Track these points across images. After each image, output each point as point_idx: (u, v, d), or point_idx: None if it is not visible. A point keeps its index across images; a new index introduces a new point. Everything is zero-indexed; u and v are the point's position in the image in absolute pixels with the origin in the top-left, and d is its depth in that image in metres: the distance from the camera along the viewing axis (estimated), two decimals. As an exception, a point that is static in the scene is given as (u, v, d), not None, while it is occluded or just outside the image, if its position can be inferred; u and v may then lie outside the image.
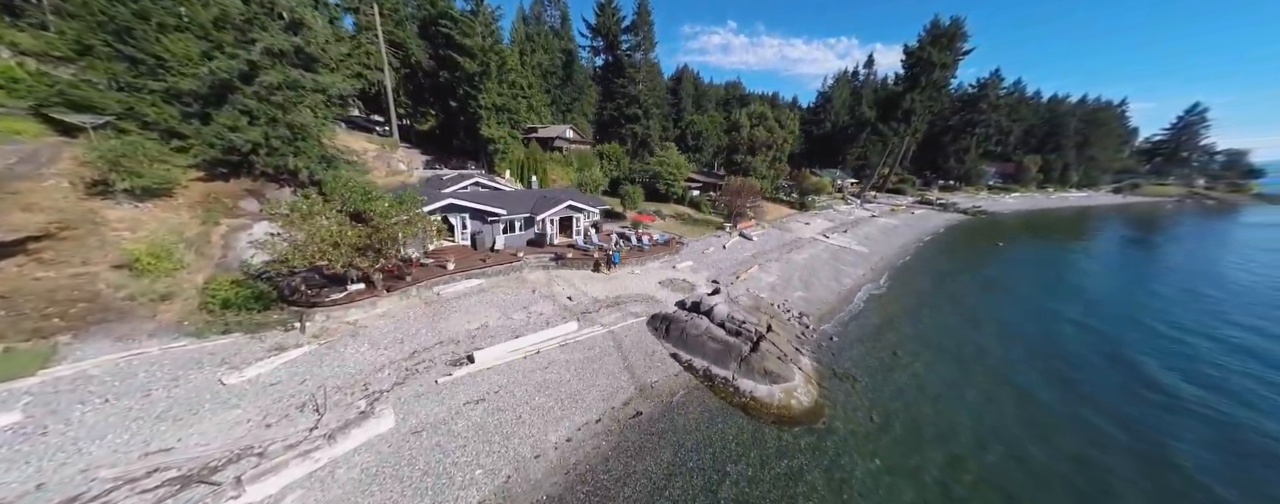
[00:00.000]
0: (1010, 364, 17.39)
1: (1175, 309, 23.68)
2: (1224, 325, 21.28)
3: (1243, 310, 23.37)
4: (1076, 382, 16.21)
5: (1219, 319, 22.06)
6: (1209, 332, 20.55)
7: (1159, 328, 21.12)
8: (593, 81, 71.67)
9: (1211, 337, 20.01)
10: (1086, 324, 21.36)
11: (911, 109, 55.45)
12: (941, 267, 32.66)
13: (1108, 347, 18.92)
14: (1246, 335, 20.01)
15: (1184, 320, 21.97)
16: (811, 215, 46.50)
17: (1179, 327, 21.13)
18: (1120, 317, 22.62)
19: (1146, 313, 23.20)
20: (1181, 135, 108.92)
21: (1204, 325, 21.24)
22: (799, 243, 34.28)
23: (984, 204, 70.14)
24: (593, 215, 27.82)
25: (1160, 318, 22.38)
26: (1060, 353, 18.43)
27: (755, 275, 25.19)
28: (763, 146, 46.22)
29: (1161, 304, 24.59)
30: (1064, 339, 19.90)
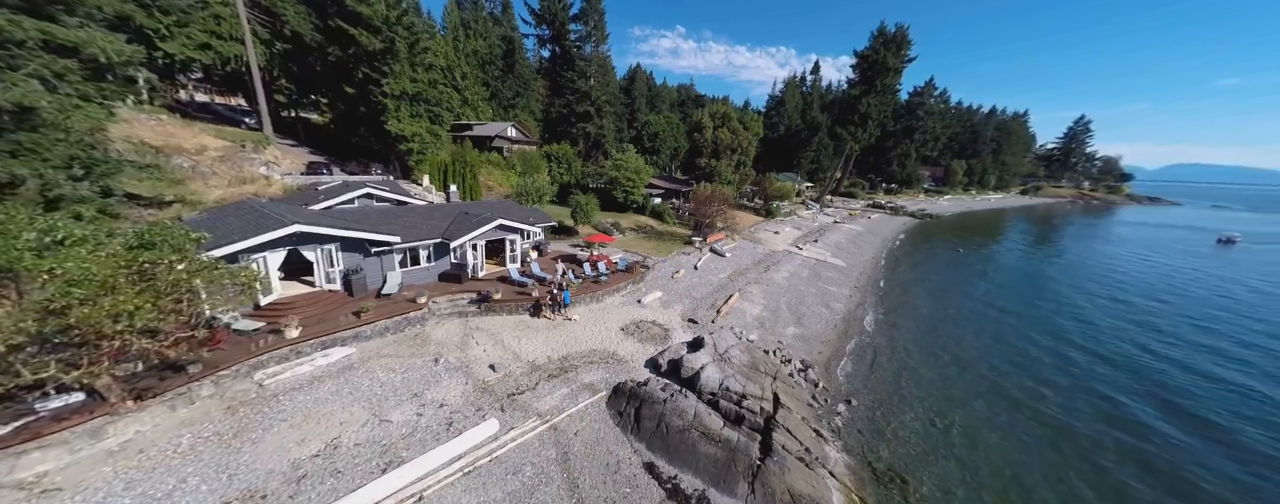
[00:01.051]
0: (1071, 412, 13.66)
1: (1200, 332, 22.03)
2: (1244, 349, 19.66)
3: (1235, 335, 22.19)
4: (1129, 409, 12.91)
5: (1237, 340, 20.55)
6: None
7: (1215, 369, 18.88)
8: (539, 75, 64.04)
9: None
10: (1083, 332, 18.78)
11: (867, 113, 54.13)
12: (922, 280, 29.91)
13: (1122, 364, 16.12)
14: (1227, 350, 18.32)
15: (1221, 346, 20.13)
16: (778, 223, 42.94)
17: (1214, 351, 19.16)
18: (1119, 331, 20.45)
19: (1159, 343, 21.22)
20: (1071, 143, 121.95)
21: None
22: (774, 258, 29.97)
23: (926, 207, 71.89)
24: (534, 235, 21.32)
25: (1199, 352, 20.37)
26: (1086, 384, 15.21)
27: (738, 307, 20.10)
28: (727, 150, 41.86)
29: (1185, 330, 22.86)
30: (1079, 363, 16.87)
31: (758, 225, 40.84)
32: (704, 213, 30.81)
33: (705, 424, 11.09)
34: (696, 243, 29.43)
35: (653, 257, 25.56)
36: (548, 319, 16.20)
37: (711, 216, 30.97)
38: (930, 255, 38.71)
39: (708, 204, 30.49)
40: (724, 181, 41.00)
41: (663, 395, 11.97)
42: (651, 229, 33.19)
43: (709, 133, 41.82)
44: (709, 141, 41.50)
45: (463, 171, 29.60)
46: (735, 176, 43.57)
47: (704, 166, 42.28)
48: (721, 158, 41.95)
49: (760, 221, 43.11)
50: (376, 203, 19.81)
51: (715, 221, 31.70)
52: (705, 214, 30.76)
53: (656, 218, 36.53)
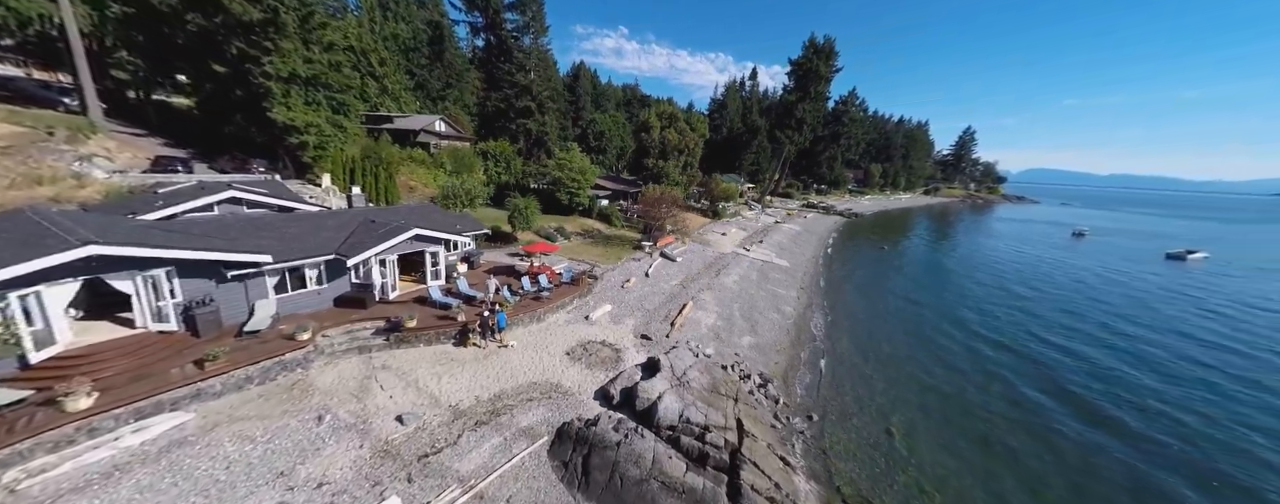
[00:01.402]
0: (987, 406, 14.09)
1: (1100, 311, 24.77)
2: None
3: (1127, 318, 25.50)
4: (1056, 388, 13.75)
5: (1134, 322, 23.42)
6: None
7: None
8: (473, 66, 58.73)
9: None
10: (1007, 323, 20.39)
11: (803, 118, 56.70)
12: (853, 277, 31.18)
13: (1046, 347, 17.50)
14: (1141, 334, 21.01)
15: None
16: (725, 224, 43.05)
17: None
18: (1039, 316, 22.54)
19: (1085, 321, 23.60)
20: (961, 150, 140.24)
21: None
22: (724, 261, 29.46)
23: (851, 206, 77.67)
24: (463, 246, 18.30)
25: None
26: (1012, 366, 16.13)
27: (693, 317, 18.85)
28: (674, 151, 41.01)
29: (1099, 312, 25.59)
30: (986, 354, 18.02)
31: (706, 226, 40.52)
32: (653, 215, 29.45)
33: (666, 471, 9.43)
34: (647, 247, 27.94)
35: (601, 264, 23.56)
36: (478, 347, 13.57)
37: (661, 219, 29.70)
38: (858, 252, 41.05)
39: (657, 206, 29.16)
40: (672, 183, 40.12)
41: (616, 437, 10.11)
42: (599, 233, 31.13)
43: (656, 133, 40.67)
44: (656, 142, 40.34)
45: (375, 170, 25.22)
46: (683, 178, 42.93)
47: (652, 167, 41.06)
48: (669, 159, 41.02)
49: (708, 223, 42.92)
50: (247, 210, 15.58)
51: (665, 224, 30.50)
52: (655, 217, 29.42)
53: (604, 221, 34.52)
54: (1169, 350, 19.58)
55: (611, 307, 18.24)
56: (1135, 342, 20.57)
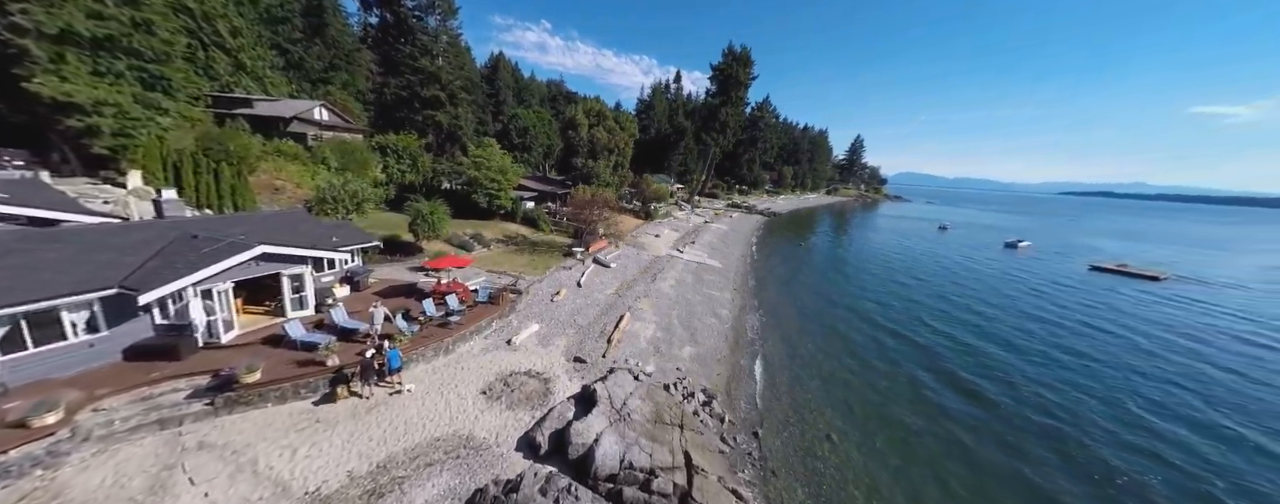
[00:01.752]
0: (896, 398, 14.90)
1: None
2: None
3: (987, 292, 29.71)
4: (953, 365, 15.05)
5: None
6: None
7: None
8: (366, 46, 50.39)
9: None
10: (897, 310, 22.52)
11: (727, 122, 58.79)
12: (781, 275, 32.47)
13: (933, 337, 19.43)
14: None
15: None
16: (658, 225, 42.51)
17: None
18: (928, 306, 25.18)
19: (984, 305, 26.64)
20: (853, 155, 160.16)
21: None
22: (659, 265, 28.56)
23: (770, 205, 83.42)
24: (343, 264, 14.47)
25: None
26: (919, 358, 17.50)
27: (631, 329, 17.34)
28: (604, 150, 39.21)
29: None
30: (889, 345, 19.62)
31: (639, 228, 39.49)
32: (584, 218, 27.38)
33: (609, 539, 7.70)
34: (578, 254, 25.79)
35: (527, 275, 20.90)
36: (358, 398, 10.41)
37: (593, 222, 27.76)
38: (779, 250, 43.43)
39: (588, 209, 27.13)
40: (603, 183, 38.30)
41: (544, 503, 8.09)
42: (524, 239, 28.12)
43: (585, 130, 38.46)
44: (585, 140, 38.15)
45: (216, 166, 19.29)
46: (614, 178, 41.35)
47: (581, 167, 38.78)
48: (599, 158, 39.11)
49: (641, 224, 41.96)
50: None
51: (597, 228, 28.62)
52: (586, 220, 27.37)
53: (530, 225, 31.47)
54: (1013, 326, 23.11)
55: (539, 326, 15.91)
56: (991, 321, 23.89)
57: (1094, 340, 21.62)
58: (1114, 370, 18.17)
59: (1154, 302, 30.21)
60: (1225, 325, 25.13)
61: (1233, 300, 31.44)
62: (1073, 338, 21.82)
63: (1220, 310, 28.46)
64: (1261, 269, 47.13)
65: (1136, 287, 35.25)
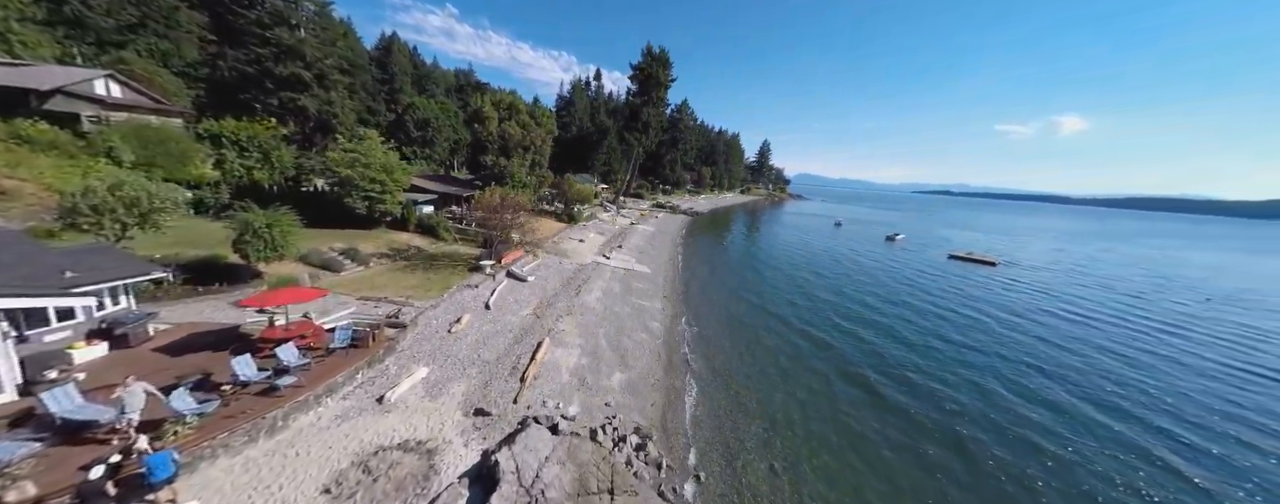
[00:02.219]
0: (824, 415, 14.88)
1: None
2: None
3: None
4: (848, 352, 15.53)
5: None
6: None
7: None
8: (187, 4, 38.59)
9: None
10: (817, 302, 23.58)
11: (649, 122, 58.03)
12: (708, 279, 32.14)
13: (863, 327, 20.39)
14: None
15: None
16: (582, 229, 39.80)
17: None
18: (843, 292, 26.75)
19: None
20: (762, 158, 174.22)
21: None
22: (584, 274, 26.08)
23: (692, 205, 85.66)
24: (90, 311, 9.36)
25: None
26: (858, 363, 17.96)
27: (551, 359, 14.69)
28: (518, 147, 35.15)
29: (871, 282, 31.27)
30: (803, 349, 20.21)
31: (562, 233, 36.36)
32: (494, 225, 23.61)
33: None
34: (488, 267, 22.04)
35: (418, 300, 16.83)
36: (80, 547, 6.24)
37: (506, 229, 24.12)
38: (703, 250, 43.84)
39: (499, 214, 23.41)
40: (518, 184, 34.33)
41: None
42: (419, 252, 23.34)
43: (494, 125, 33.97)
44: (494, 136, 33.69)
45: None
46: (531, 178, 37.48)
47: (491, 166, 34.24)
48: (512, 156, 34.95)
49: (564, 228, 38.83)
50: None
51: (511, 235, 25.02)
52: (496, 226, 23.63)
53: (427, 234, 26.48)
54: (901, 319, 25.47)
55: (428, 370, 12.41)
56: (883, 315, 25.88)
57: (963, 326, 24.60)
58: (982, 354, 20.56)
59: (993, 285, 36.55)
60: (1042, 304, 31.14)
61: (1040, 280, 39.62)
62: (947, 326, 24.51)
63: (1032, 289, 35.54)
64: (1047, 251, 61.37)
65: (981, 272, 42.48)
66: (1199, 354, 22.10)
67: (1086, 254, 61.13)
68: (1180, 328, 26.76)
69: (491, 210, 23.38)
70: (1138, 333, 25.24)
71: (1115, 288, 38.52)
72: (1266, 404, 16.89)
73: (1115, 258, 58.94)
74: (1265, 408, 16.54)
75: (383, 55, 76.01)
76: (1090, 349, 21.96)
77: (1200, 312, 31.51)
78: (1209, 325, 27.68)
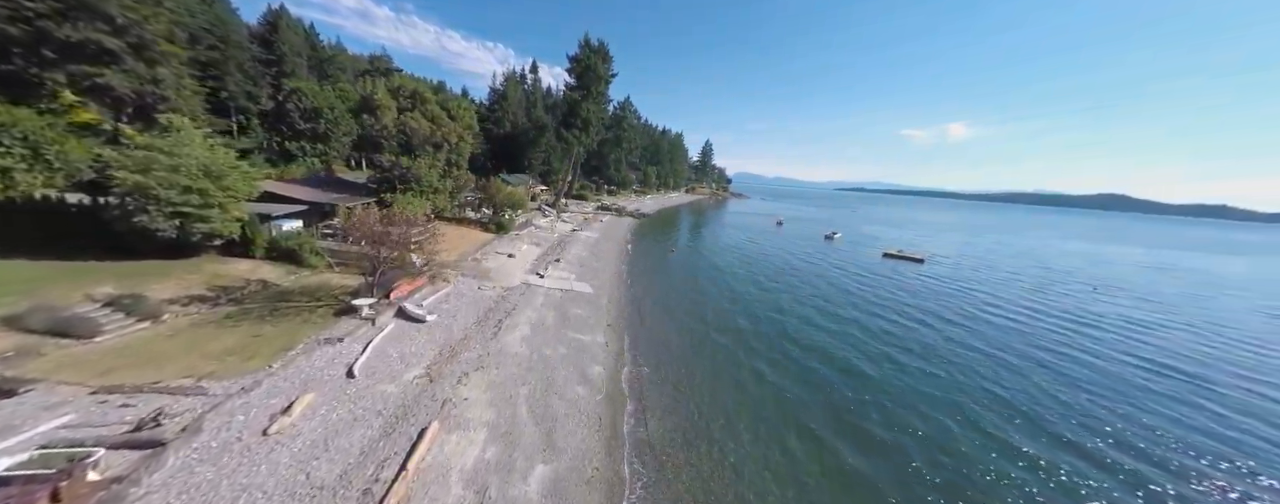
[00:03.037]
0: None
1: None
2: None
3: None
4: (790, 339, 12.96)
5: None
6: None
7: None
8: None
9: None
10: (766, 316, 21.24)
11: (588, 118, 53.16)
12: (658, 295, 28.44)
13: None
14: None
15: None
16: (513, 240, 34.21)
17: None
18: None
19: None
20: (704, 157, 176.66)
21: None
22: (509, 302, 21.06)
23: (639, 206, 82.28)
24: None
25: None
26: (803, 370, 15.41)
27: (439, 457, 9.88)
28: (427, 144, 28.65)
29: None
30: (769, 377, 17.70)
31: (487, 246, 30.61)
32: (383, 248, 17.63)
33: None
34: (365, 308, 16.18)
35: (224, 376, 10.92)
36: None
37: (398, 253, 18.23)
38: (651, 258, 40.37)
39: (384, 239, 17.38)
40: (428, 190, 27.95)
41: None
42: (262, 290, 16.71)
43: (390, 115, 27.16)
44: (391, 130, 26.92)
45: None
46: (446, 183, 31.06)
47: (390, 166, 27.43)
48: (419, 155, 28.39)
49: (491, 239, 33.00)
50: None
51: (406, 259, 19.18)
52: (385, 245, 17.65)
53: (285, 260, 19.59)
54: (854, 326, 24.27)
55: (186, 535, 7.02)
56: (835, 321, 24.74)
57: (911, 329, 24.12)
58: (937, 363, 19.34)
59: (927, 280, 37.84)
60: (971, 297, 32.22)
61: (961, 275, 41.95)
62: (897, 330, 23.78)
63: (958, 283, 37.25)
64: (958, 246, 67.14)
65: (912, 270, 43.98)
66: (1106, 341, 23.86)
67: (987, 247, 67.72)
68: (1083, 319, 28.64)
69: (375, 237, 17.21)
70: (1054, 327, 26.51)
71: (1021, 280, 41.56)
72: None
73: (1011, 251, 65.65)
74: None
75: (268, 32, 62.45)
76: (1022, 345, 22.63)
77: (1090, 300, 34.76)
78: (1102, 312, 30.64)
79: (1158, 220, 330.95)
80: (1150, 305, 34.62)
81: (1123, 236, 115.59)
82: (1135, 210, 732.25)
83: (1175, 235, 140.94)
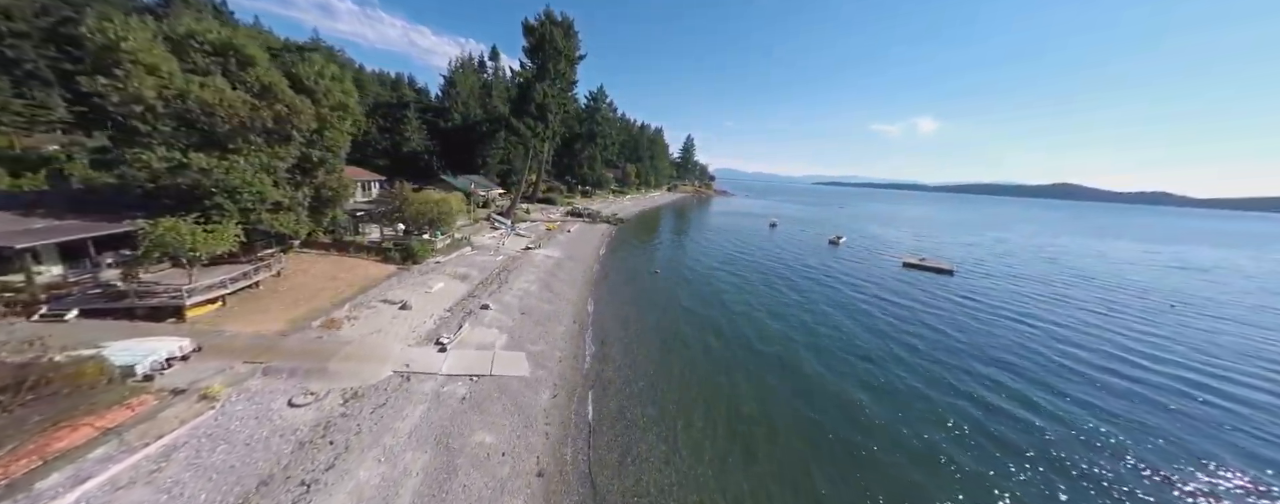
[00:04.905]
0: None
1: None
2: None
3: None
4: None
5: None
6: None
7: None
8: None
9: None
10: None
11: (545, 104, 42.08)
12: (639, 353, 18.49)
13: None
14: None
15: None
16: (425, 275, 23.26)
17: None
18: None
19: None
20: (686, 153, 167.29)
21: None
22: (341, 431, 10.38)
23: (616, 209, 71.50)
24: None
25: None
26: None
27: None
28: (251, 133, 17.22)
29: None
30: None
31: (373, 290, 19.66)
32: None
33: None
34: None
35: None
36: None
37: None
38: (626, 284, 30.23)
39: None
40: (254, 206, 16.64)
41: None
42: None
43: (151, 81, 15.49)
44: (154, 106, 15.31)
45: None
46: (300, 194, 19.69)
47: (149, 163, 15.83)
48: (239, 149, 16.94)
49: (388, 276, 22.00)
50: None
51: (84, 377, 8.20)
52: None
53: None
54: (905, 376, 15.15)
55: None
56: (882, 372, 15.88)
57: (965, 372, 15.45)
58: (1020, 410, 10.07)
59: (969, 304, 29.59)
60: (1040, 333, 23.86)
61: (1006, 293, 33.85)
62: (951, 372, 14.91)
63: (1010, 308, 28.95)
64: (971, 247, 59.84)
65: (943, 286, 35.57)
66: None
67: (1005, 250, 59.92)
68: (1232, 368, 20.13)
69: None
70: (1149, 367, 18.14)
71: (1081, 300, 33.38)
72: None
73: (1035, 255, 57.26)
74: None
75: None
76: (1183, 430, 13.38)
77: (1189, 326, 26.99)
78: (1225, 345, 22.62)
79: (1111, 209, 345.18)
80: (1264, 330, 26.87)
81: (1115, 231, 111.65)
82: (1085, 198, 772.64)
83: (1170, 228, 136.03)
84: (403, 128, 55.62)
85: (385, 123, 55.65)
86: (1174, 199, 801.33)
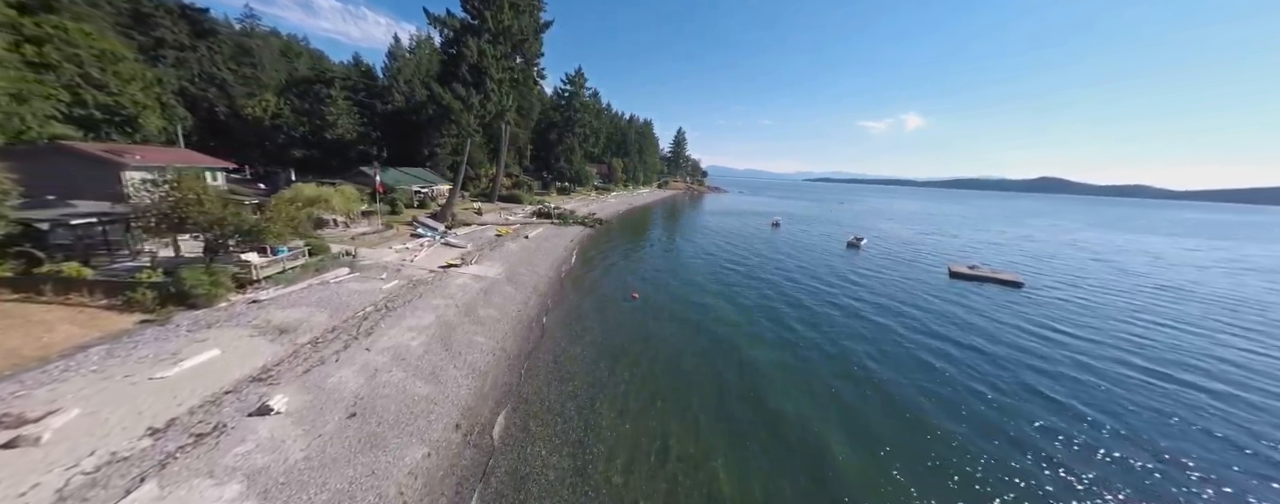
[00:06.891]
0: None
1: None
2: None
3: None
4: None
5: None
6: None
7: None
8: None
9: None
10: None
11: (482, 66, 31.30)
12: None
13: None
14: None
15: None
16: (195, 335, 12.63)
17: None
18: None
19: None
20: (677, 148, 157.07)
21: None
22: None
23: (596, 208, 61.03)
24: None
25: None
26: None
27: None
28: None
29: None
30: None
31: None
32: None
33: None
34: None
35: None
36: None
37: None
38: (588, 324, 20.11)
39: None
40: None
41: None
42: None
43: None
44: None
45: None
46: None
47: None
48: None
49: (101, 340, 11.35)
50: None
51: None
52: None
53: None
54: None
55: None
56: (886, 362, 5.82)
57: None
58: None
59: (1044, 321, 21.22)
60: (1107, 349, 13.70)
61: (1099, 313, 24.33)
62: None
63: (1121, 341, 19.76)
64: (1010, 249, 50.58)
65: (1006, 298, 26.40)
66: None
67: (1051, 252, 50.63)
68: None
69: None
70: None
71: (1199, 321, 23.86)
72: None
73: (1095, 259, 47.42)
74: None
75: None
76: None
77: None
78: None
79: (1098, 201, 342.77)
80: None
81: (1126, 223, 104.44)
82: (1069, 192, 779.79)
83: (1175, 220, 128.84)
84: (325, 110, 44.38)
85: (302, 104, 44.38)
86: (1152, 191, 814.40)
